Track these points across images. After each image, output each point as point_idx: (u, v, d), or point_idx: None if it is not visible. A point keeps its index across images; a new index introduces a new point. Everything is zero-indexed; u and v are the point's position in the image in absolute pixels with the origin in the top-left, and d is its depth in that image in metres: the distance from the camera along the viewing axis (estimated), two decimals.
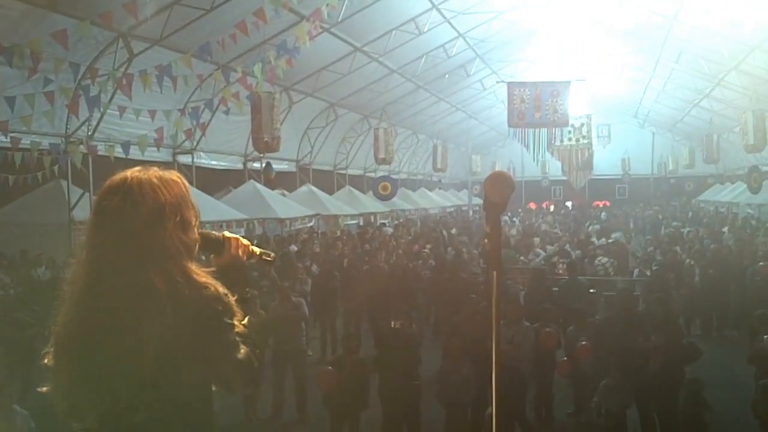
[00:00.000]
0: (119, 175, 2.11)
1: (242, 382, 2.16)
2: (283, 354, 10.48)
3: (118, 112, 15.12)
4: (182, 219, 2.11)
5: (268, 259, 2.47)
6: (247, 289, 2.30)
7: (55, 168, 15.61)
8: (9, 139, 13.59)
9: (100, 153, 15.75)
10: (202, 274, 2.08)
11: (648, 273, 15.49)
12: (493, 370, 2.44)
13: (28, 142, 14.01)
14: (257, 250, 2.42)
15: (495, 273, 2.36)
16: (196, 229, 2.19)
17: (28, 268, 14.64)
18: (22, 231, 16.04)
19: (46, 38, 11.96)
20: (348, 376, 8.36)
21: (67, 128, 15.94)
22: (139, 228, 2.01)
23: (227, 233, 2.37)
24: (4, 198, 13.90)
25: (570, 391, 10.02)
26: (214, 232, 2.39)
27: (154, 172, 2.14)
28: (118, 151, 15.19)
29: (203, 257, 2.34)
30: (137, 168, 2.14)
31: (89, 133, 16.33)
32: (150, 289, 1.96)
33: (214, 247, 2.35)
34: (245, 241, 2.38)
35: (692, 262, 16.75)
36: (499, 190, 2.20)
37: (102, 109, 15.39)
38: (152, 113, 15.01)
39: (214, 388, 2.18)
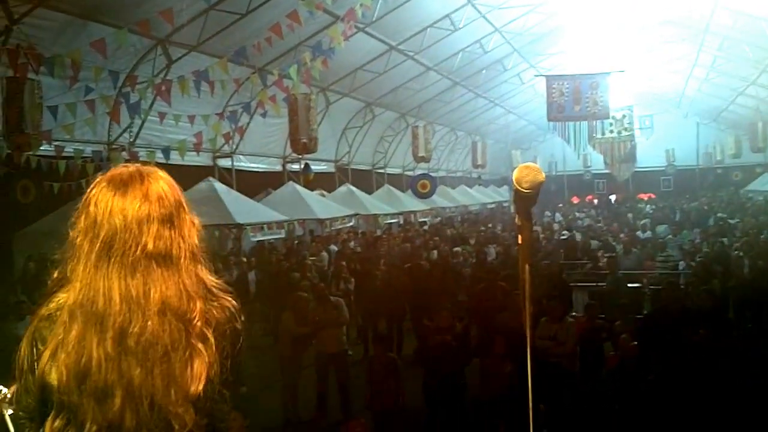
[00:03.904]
0: (121, 169, 1.86)
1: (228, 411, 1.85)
2: (324, 355, 10.47)
3: (158, 118, 15.28)
4: (194, 222, 1.86)
5: None
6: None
7: (98, 175, 15.81)
8: (53, 148, 13.82)
9: (141, 159, 15.95)
10: (216, 284, 1.85)
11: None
12: (528, 365, 2.38)
13: (71, 150, 14.21)
14: None
15: (527, 267, 2.30)
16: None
17: None
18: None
19: (85, 48, 12.13)
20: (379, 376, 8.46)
21: (109, 135, 16.21)
22: (163, 228, 1.75)
23: None
24: (50, 205, 14.14)
25: (616, 386, 9.86)
26: None
27: (153, 168, 1.88)
28: (159, 157, 15.34)
29: None
30: (127, 165, 1.90)
31: (131, 140, 16.59)
32: (181, 302, 1.72)
33: None
34: None
35: (741, 254, 16.37)
36: (528, 182, 2.13)
37: (142, 116, 15.59)
38: (191, 118, 15.13)
39: None
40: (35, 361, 1.72)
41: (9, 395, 1.83)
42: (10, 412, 1.84)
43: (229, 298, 1.84)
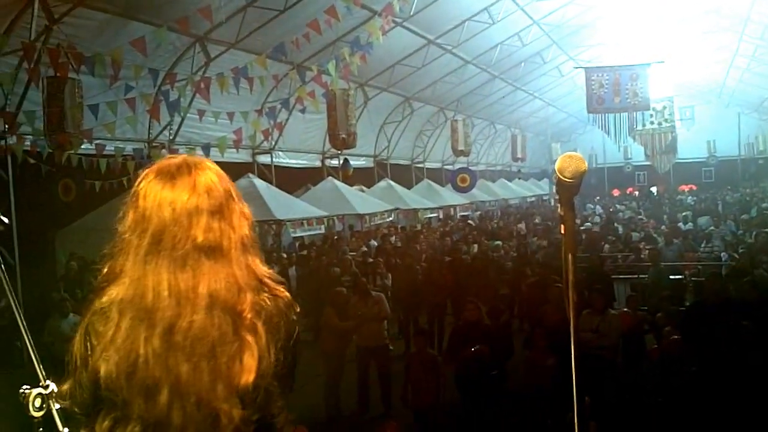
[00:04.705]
0: (169, 160, 1.83)
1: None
2: (365, 350, 10.49)
3: (197, 116, 15.43)
4: (244, 212, 1.82)
5: None
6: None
7: (145, 167, 16.02)
8: (94, 146, 14.00)
9: None
10: (268, 275, 1.81)
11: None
12: (572, 358, 2.35)
13: (112, 148, 14.40)
14: None
15: (570, 256, 2.27)
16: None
17: None
18: (109, 236, 16.53)
19: (125, 46, 12.29)
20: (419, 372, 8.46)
21: (149, 133, 16.41)
22: (212, 220, 1.72)
23: None
24: (91, 204, 14.38)
25: (658, 378, 9.73)
26: None
27: (200, 158, 1.84)
28: (199, 154, 15.48)
29: None
30: (174, 156, 1.85)
31: (171, 137, 16.78)
32: (230, 295, 1.67)
33: None
34: None
35: None
36: (571, 171, 2.11)
37: (182, 113, 15.75)
38: (230, 115, 15.26)
39: None
40: (88, 356, 1.70)
41: (56, 390, 1.83)
42: (58, 406, 1.85)
43: (282, 289, 1.80)
